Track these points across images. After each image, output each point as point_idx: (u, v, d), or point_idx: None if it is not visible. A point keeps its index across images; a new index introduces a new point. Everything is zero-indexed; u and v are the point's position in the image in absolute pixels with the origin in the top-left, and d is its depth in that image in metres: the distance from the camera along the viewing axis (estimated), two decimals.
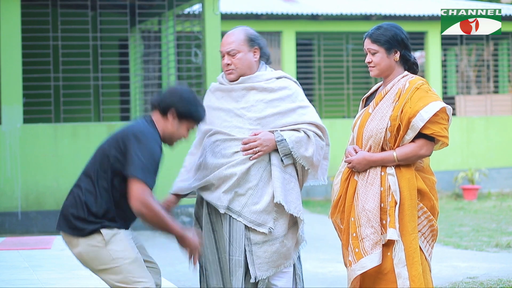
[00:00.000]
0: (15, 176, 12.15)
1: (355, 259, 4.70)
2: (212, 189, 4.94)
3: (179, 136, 4.65)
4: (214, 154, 4.91)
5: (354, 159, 4.78)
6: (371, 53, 4.85)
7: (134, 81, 15.30)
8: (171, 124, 4.58)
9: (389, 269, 4.69)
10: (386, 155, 4.74)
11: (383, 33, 4.84)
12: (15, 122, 12.16)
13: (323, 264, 9.17)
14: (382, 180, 4.74)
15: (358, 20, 18.15)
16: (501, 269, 8.67)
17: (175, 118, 4.55)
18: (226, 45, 4.94)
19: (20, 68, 12.23)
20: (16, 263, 8.14)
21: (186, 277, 8.76)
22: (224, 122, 4.93)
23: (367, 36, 4.89)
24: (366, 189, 4.75)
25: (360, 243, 4.69)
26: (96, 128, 12.70)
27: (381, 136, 4.74)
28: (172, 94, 4.57)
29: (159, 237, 12.08)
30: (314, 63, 19.33)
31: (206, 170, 4.94)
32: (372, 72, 4.89)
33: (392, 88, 4.83)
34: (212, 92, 5.06)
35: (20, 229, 12.12)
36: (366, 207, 4.70)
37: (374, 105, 4.84)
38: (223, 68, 4.98)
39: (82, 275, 7.25)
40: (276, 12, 17.52)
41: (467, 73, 21.49)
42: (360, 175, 4.80)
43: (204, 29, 13.05)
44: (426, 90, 4.77)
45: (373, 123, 4.78)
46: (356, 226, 4.72)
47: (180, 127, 4.59)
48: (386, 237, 4.68)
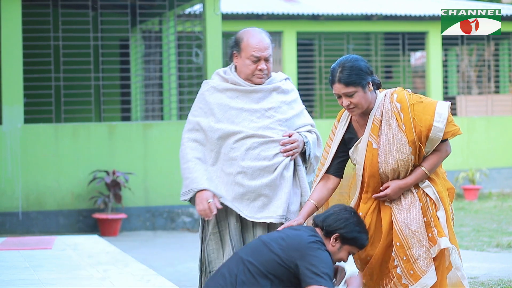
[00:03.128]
0: (16, 176, 12.15)
1: (411, 281, 4.68)
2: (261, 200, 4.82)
3: (338, 259, 4.64)
4: (250, 157, 4.79)
5: (390, 192, 4.72)
6: (348, 96, 4.67)
7: (135, 81, 15.31)
8: (331, 245, 4.59)
9: (439, 279, 4.72)
10: (419, 175, 4.73)
11: (352, 72, 4.66)
12: (16, 122, 12.16)
13: None
14: (419, 197, 4.74)
15: (359, 20, 18.15)
16: (502, 269, 8.66)
17: (338, 242, 4.60)
18: (264, 50, 4.86)
19: (21, 68, 12.23)
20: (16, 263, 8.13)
21: (186, 277, 8.76)
22: (251, 123, 4.84)
23: (336, 81, 4.68)
24: (406, 212, 4.72)
25: (414, 265, 4.67)
26: (97, 128, 12.71)
27: (408, 163, 4.70)
28: (338, 219, 4.59)
29: (159, 237, 12.09)
30: (315, 63, 19.33)
31: (245, 175, 4.78)
32: (354, 113, 4.73)
33: (383, 115, 4.73)
34: (221, 91, 4.90)
35: (21, 229, 12.12)
36: (413, 229, 4.68)
37: (376, 139, 4.73)
38: (255, 73, 4.87)
39: (82, 275, 7.25)
40: (277, 12, 17.52)
41: (468, 73, 21.49)
42: (394, 201, 4.77)
43: (205, 29, 13.06)
44: (416, 99, 4.73)
45: (392, 156, 4.70)
46: (405, 249, 4.68)
47: (342, 251, 4.61)
48: (435, 249, 4.69)
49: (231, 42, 4.97)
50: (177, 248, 10.85)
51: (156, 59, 15.11)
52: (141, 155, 12.71)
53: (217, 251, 4.80)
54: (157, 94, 15.19)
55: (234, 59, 4.94)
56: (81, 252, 8.67)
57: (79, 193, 12.40)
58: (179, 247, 10.88)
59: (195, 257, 9.84)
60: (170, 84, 14.27)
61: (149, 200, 12.71)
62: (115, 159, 12.59)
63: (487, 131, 18.23)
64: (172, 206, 12.76)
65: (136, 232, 12.58)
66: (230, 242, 4.77)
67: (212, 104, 4.85)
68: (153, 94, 15.26)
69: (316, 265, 4.37)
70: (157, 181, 12.71)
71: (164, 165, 12.68)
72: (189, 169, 4.80)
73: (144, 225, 12.70)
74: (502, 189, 18.02)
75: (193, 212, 12.79)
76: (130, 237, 12.10)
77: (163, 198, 12.69)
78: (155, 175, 12.70)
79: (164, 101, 14.93)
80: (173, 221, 12.79)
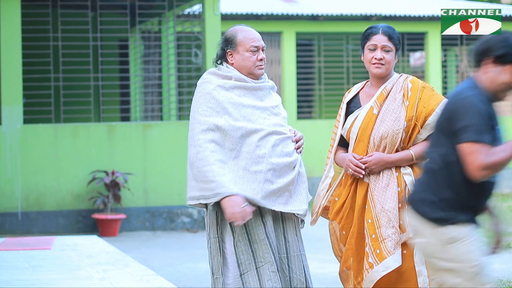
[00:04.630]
0: (15, 177, 12.15)
1: (376, 260, 4.66)
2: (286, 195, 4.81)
3: (503, 84, 4.04)
4: (276, 154, 4.76)
5: (371, 160, 4.74)
6: (385, 50, 4.79)
7: (134, 82, 15.31)
8: (490, 74, 4.04)
9: (405, 267, 4.68)
10: (404, 155, 4.75)
11: (395, 33, 4.83)
12: (15, 122, 12.16)
13: (323, 264, 9.17)
14: (398, 180, 4.74)
15: (358, 20, 18.15)
16: (501, 270, 8.67)
17: (494, 65, 4.03)
18: (260, 40, 4.88)
19: (20, 69, 12.23)
20: (16, 264, 8.14)
21: (186, 277, 8.76)
22: (266, 120, 4.81)
23: (379, 33, 4.80)
24: (383, 190, 4.73)
25: (381, 244, 4.66)
26: (96, 128, 12.71)
27: (398, 137, 4.72)
28: (484, 42, 4.05)
29: (159, 238, 12.09)
30: (314, 64, 19.33)
31: (275, 171, 4.74)
32: (379, 70, 4.80)
33: (393, 88, 4.81)
34: (228, 90, 4.82)
35: (20, 230, 12.12)
36: (386, 208, 4.68)
37: (378, 106, 4.80)
38: (256, 64, 4.85)
39: (82, 276, 7.25)
40: (276, 13, 17.52)
41: (467, 74, 21.49)
42: (372, 177, 4.77)
43: (204, 30, 13.06)
44: (431, 88, 4.83)
45: (385, 125, 4.75)
46: (376, 228, 4.69)
47: (502, 73, 4.01)
48: (404, 236, 4.68)
49: (222, 43, 4.92)
50: (176, 248, 10.85)
51: (156, 59, 15.11)
52: (140, 155, 12.71)
53: (246, 252, 4.76)
54: (157, 94, 15.19)
55: (229, 58, 4.88)
56: (81, 253, 8.67)
57: (79, 194, 12.40)
58: (179, 248, 10.88)
59: (195, 257, 9.87)
60: (169, 84, 14.27)
61: (148, 200, 12.70)
62: (114, 159, 12.59)
63: None
64: (172, 207, 12.76)
65: (135, 232, 12.58)
66: (267, 240, 4.74)
67: (225, 103, 4.77)
68: (153, 95, 15.25)
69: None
70: (157, 181, 12.71)
71: (163, 165, 12.68)
72: (213, 172, 4.65)
73: (143, 226, 12.70)
74: (501, 190, 18.03)
75: (192, 213, 12.78)
76: (130, 237, 12.10)
77: (163, 199, 12.69)
78: (154, 175, 12.70)
79: (164, 101, 14.93)
80: (173, 221, 12.78)
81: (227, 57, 4.90)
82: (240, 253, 4.73)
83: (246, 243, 4.75)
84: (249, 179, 4.72)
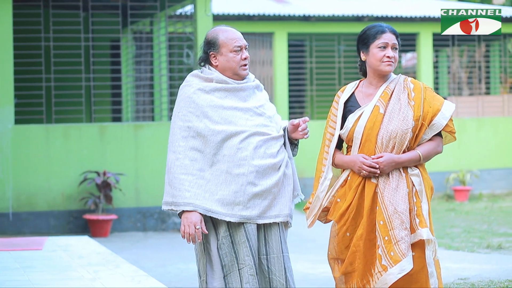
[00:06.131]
0: (7, 177, 12.13)
1: (391, 262, 4.63)
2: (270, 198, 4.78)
3: None
4: (259, 156, 4.72)
5: (383, 161, 4.70)
6: (394, 49, 4.81)
7: (126, 82, 15.30)
8: None
9: (415, 269, 4.67)
10: (413, 155, 4.74)
11: (397, 32, 4.86)
12: (7, 123, 12.14)
13: (314, 265, 9.18)
14: (407, 182, 4.73)
15: (350, 21, 18.17)
16: (492, 270, 8.69)
17: None
18: (242, 39, 4.84)
19: (11, 69, 12.21)
20: (7, 264, 8.12)
21: (177, 278, 8.76)
22: (248, 121, 4.76)
23: (388, 31, 4.81)
24: (394, 192, 4.70)
25: (395, 246, 4.63)
26: (88, 129, 12.69)
27: (406, 137, 4.71)
28: None
29: (150, 238, 12.08)
30: (306, 64, 19.35)
31: (257, 174, 4.71)
32: (390, 67, 4.79)
33: (396, 87, 4.81)
34: (208, 93, 4.78)
35: (12, 230, 12.10)
36: (399, 210, 4.65)
37: (384, 105, 4.78)
38: (240, 63, 4.81)
39: (73, 276, 7.24)
40: (268, 13, 17.53)
41: (458, 74, 21.54)
42: (381, 178, 4.74)
43: (196, 30, 13.06)
44: (431, 89, 4.89)
45: (394, 124, 4.73)
46: (388, 229, 4.65)
47: None
48: (414, 238, 4.67)
49: (204, 46, 4.87)
50: (168, 249, 10.84)
51: (147, 59, 15.11)
52: (132, 156, 12.70)
53: (230, 253, 4.75)
54: (148, 95, 15.19)
55: (213, 60, 4.83)
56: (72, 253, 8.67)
57: (70, 194, 12.39)
58: (170, 248, 10.88)
59: (186, 258, 9.87)
60: (161, 85, 14.27)
61: (140, 201, 12.70)
62: (106, 159, 12.58)
63: (477, 132, 18.27)
64: None
65: (126, 233, 12.57)
66: (248, 243, 4.72)
67: (204, 107, 4.74)
68: (144, 95, 15.24)
69: None
70: (148, 182, 12.70)
71: (155, 166, 12.67)
72: (190, 182, 4.65)
73: (135, 226, 12.69)
74: (492, 190, 18.06)
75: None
76: (121, 238, 12.09)
77: (154, 199, 12.67)
78: (146, 176, 12.69)
79: (155, 102, 14.93)
80: (164, 222, 12.78)
81: (210, 60, 4.86)
82: (224, 255, 4.74)
83: (230, 245, 4.74)
84: (232, 182, 4.69)
